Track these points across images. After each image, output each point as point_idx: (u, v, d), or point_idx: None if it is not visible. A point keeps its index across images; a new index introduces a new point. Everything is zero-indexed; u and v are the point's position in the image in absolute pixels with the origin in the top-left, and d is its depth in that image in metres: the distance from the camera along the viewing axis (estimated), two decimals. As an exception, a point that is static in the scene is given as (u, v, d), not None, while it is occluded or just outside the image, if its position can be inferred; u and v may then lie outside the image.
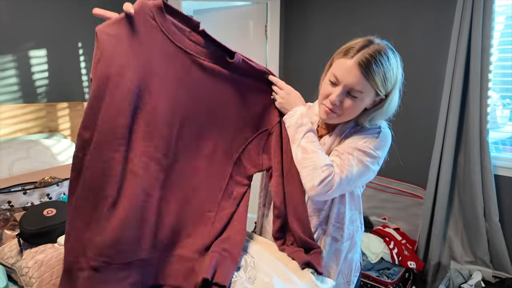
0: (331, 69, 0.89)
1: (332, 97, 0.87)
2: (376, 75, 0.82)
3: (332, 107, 0.88)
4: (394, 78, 0.87)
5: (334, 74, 0.87)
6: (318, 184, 0.82)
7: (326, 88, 0.89)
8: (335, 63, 0.89)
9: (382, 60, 0.82)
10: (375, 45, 0.85)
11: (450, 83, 1.91)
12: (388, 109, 0.91)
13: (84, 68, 2.36)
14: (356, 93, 0.85)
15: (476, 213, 1.89)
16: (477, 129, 1.84)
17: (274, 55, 2.89)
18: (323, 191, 0.83)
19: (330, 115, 0.90)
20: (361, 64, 0.82)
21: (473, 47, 1.80)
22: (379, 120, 0.93)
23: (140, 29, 0.78)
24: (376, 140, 0.89)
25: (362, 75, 0.82)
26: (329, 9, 2.56)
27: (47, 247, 1.04)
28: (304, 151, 0.88)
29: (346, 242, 0.98)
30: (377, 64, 0.82)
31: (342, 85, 0.85)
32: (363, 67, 0.82)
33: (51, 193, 1.25)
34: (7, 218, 1.16)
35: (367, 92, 0.85)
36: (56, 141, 1.94)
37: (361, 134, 0.91)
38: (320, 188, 0.82)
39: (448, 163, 1.95)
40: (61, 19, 2.19)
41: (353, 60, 0.83)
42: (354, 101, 0.86)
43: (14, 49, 2.01)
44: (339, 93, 0.85)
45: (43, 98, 2.16)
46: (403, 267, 1.98)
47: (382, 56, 0.83)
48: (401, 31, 2.20)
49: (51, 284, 0.94)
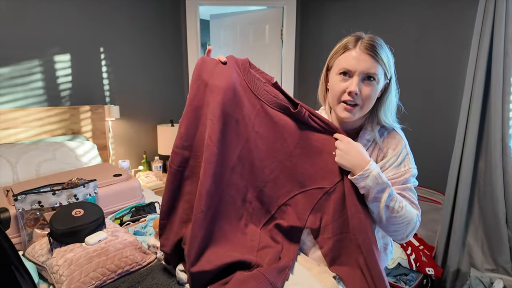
0: (335, 68, 0.93)
1: (351, 88, 0.88)
2: (382, 55, 0.88)
3: (354, 99, 0.89)
4: (392, 59, 0.93)
5: (345, 67, 0.89)
6: (411, 234, 0.90)
7: (339, 86, 0.91)
8: (337, 62, 0.92)
9: (381, 43, 0.90)
10: (367, 35, 0.91)
11: (470, 86, 1.89)
12: (395, 95, 0.96)
13: (106, 72, 2.43)
14: (372, 77, 0.88)
15: (498, 219, 1.85)
16: (499, 133, 1.81)
17: (289, 58, 2.90)
18: (413, 233, 0.91)
19: (353, 110, 0.91)
20: (367, 48, 0.87)
21: (495, 51, 1.77)
22: (394, 111, 0.97)
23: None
24: (407, 156, 0.95)
25: (371, 58, 0.87)
26: (346, 12, 2.56)
27: (76, 246, 1.08)
28: (393, 210, 0.86)
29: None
30: (379, 46, 0.88)
31: (357, 73, 0.88)
32: (370, 50, 0.87)
33: (78, 194, 1.29)
34: (37, 218, 1.21)
35: (380, 74, 0.89)
36: (79, 143, 2.00)
37: (391, 158, 0.94)
38: (411, 235, 0.91)
39: (468, 168, 1.92)
40: (84, 25, 2.26)
41: (357, 48, 0.88)
42: (371, 86, 0.89)
43: (40, 54, 2.09)
44: (357, 82, 0.88)
45: (66, 101, 2.24)
46: (421, 273, 1.95)
47: (379, 40, 0.90)
48: (420, 34, 2.18)
49: (81, 282, 0.97)
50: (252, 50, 3.07)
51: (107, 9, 2.36)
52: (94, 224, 1.14)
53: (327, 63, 0.97)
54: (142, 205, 1.52)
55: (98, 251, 1.06)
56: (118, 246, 1.10)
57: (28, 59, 2.04)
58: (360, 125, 0.99)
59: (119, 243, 1.11)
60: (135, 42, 2.56)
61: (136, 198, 1.60)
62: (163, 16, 2.72)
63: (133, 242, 1.15)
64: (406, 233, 0.89)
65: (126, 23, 2.48)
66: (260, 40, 3.01)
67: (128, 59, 2.54)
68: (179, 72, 2.92)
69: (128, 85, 2.58)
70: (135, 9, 2.52)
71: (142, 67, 2.65)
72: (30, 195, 1.20)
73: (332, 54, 0.95)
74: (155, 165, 2.63)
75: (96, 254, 1.05)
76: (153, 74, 2.73)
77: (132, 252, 1.11)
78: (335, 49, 0.94)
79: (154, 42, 2.69)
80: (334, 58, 0.94)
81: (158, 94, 2.80)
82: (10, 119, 1.94)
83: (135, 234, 1.31)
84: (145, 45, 2.63)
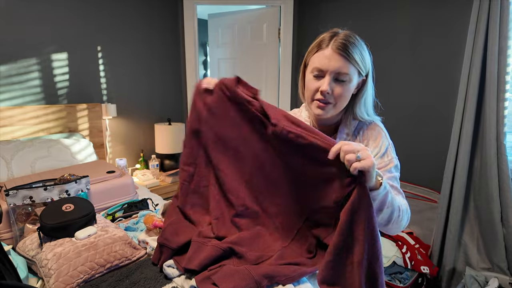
0: (310, 66, 0.92)
1: (323, 88, 0.88)
2: (355, 55, 0.87)
3: (325, 98, 0.89)
4: (368, 57, 0.91)
5: (316, 67, 0.89)
6: (405, 224, 0.88)
7: (312, 84, 0.91)
8: (311, 60, 0.92)
9: (355, 42, 0.88)
10: (342, 32, 0.90)
11: (465, 85, 1.88)
12: (371, 92, 0.95)
13: (103, 71, 2.44)
14: (344, 77, 0.88)
15: (493, 218, 1.84)
16: (493, 132, 1.80)
17: (287, 57, 2.91)
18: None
19: (326, 108, 0.91)
20: (339, 48, 0.86)
21: (490, 49, 1.77)
22: (370, 107, 0.97)
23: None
24: (389, 146, 0.94)
25: (343, 58, 0.86)
26: (342, 12, 2.57)
27: (65, 240, 1.09)
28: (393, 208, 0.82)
29: None
30: (352, 45, 0.87)
31: (328, 73, 0.88)
32: (341, 50, 0.86)
33: (69, 189, 1.30)
34: (28, 213, 1.22)
35: (352, 73, 0.88)
36: (75, 141, 2.01)
37: (377, 148, 0.93)
38: (405, 225, 0.89)
39: (463, 167, 1.92)
40: (81, 24, 2.28)
41: (329, 48, 0.87)
42: (343, 85, 0.89)
43: (38, 52, 2.10)
44: (328, 81, 0.88)
45: (63, 100, 2.26)
46: (416, 272, 1.95)
47: (353, 38, 0.88)
48: (415, 33, 2.18)
49: (69, 275, 0.98)
50: (250, 49, 3.08)
51: (104, 8, 2.37)
52: (84, 219, 1.14)
53: (304, 60, 0.97)
54: (134, 202, 1.52)
55: (87, 245, 1.07)
56: (107, 240, 1.10)
57: (26, 57, 2.06)
58: (337, 121, 1.00)
59: (109, 238, 1.12)
60: (133, 41, 2.57)
61: (129, 195, 1.61)
62: (161, 15, 2.73)
63: (123, 237, 1.15)
64: (403, 223, 0.87)
65: (123, 22, 2.49)
66: (258, 39, 3.02)
67: (126, 57, 2.55)
68: (176, 71, 2.93)
69: (125, 83, 2.59)
70: (133, 8, 2.53)
71: (139, 65, 2.66)
72: (22, 190, 1.21)
73: (308, 51, 0.94)
74: (152, 164, 2.64)
75: (85, 248, 1.05)
76: (151, 73, 2.75)
77: (121, 246, 1.11)
78: (311, 47, 0.93)
79: (152, 41, 2.70)
80: (309, 56, 0.94)
81: (156, 93, 2.81)
82: (6, 116, 1.95)
83: (126, 229, 1.32)
84: (142, 44, 2.64)
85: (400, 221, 0.85)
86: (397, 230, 0.88)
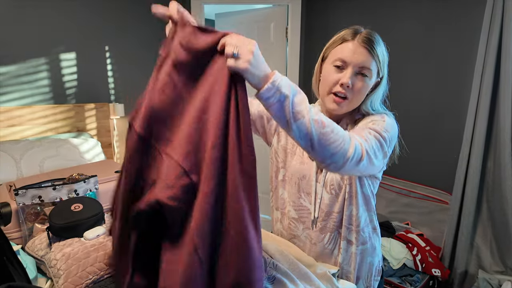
0: (331, 58, 0.90)
1: (344, 80, 0.86)
2: (378, 51, 0.86)
3: (345, 91, 0.87)
4: (387, 58, 0.91)
5: (340, 58, 0.87)
6: (354, 158, 0.71)
7: (332, 76, 0.88)
8: (333, 52, 0.90)
9: (379, 40, 0.88)
10: (366, 30, 0.89)
11: (478, 84, 1.84)
12: (382, 92, 0.94)
13: (110, 70, 2.44)
14: (366, 71, 0.86)
15: (507, 220, 1.80)
16: (508, 132, 1.76)
17: (294, 57, 2.88)
18: (356, 160, 0.72)
19: (342, 103, 0.88)
20: (365, 42, 0.85)
21: (504, 47, 1.73)
22: (377, 103, 0.94)
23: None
24: (384, 123, 0.86)
25: (368, 52, 0.85)
26: (351, 11, 2.53)
27: (74, 241, 1.08)
28: (322, 124, 0.68)
29: (361, 246, 0.96)
30: (376, 42, 0.86)
31: (351, 65, 0.86)
32: (367, 44, 0.85)
33: (78, 189, 1.30)
34: (37, 212, 1.22)
35: (374, 70, 0.87)
36: (83, 140, 2.02)
37: (368, 118, 0.91)
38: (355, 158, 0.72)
39: (476, 167, 1.88)
40: (90, 24, 2.28)
41: (355, 41, 0.86)
42: (364, 81, 0.87)
43: (46, 52, 2.11)
44: (350, 74, 0.86)
45: (72, 99, 2.26)
46: (427, 275, 1.91)
47: (377, 37, 0.88)
48: (427, 31, 2.14)
49: (78, 276, 0.97)
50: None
51: (112, 8, 2.38)
52: (93, 219, 1.13)
53: (323, 53, 0.94)
54: (143, 202, 1.51)
55: (96, 245, 1.06)
56: (116, 241, 1.10)
57: (34, 58, 2.07)
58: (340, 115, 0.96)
59: (118, 238, 1.11)
60: (140, 41, 2.57)
61: (138, 195, 1.60)
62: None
63: (131, 238, 1.14)
64: (347, 154, 0.70)
65: (131, 22, 2.49)
66: (265, 38, 3.00)
67: (133, 57, 2.55)
68: (183, 70, 2.92)
69: (132, 83, 2.59)
70: (140, 8, 2.53)
71: (147, 65, 2.66)
72: (31, 189, 1.20)
73: (328, 44, 0.92)
74: (159, 163, 2.63)
75: (94, 248, 1.05)
76: (158, 72, 2.74)
77: (130, 247, 1.11)
78: (333, 40, 0.91)
79: (160, 41, 2.69)
80: (330, 49, 0.91)
81: (163, 92, 2.80)
82: (16, 116, 1.96)
83: (135, 230, 1.31)
84: (150, 43, 2.64)
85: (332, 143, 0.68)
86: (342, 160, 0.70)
